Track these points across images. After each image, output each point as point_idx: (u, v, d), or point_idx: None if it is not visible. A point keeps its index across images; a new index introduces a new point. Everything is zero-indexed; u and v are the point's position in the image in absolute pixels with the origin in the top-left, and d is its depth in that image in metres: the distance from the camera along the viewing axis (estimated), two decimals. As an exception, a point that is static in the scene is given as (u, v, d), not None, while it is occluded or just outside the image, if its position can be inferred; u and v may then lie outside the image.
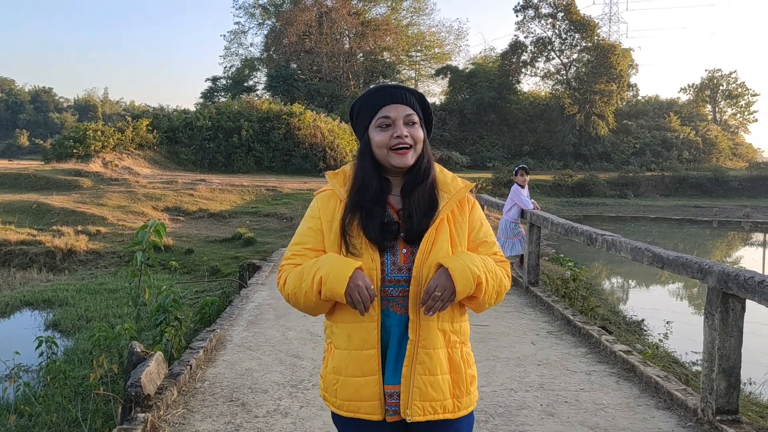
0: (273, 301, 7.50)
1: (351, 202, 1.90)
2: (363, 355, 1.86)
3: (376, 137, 1.91)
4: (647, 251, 4.95)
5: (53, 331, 8.70)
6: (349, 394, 1.87)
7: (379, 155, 1.92)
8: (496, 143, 46.55)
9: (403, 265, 1.88)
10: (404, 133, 1.88)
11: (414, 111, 1.93)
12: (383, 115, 1.91)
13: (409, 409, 1.84)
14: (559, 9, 47.81)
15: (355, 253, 1.86)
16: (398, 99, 1.92)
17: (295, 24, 49.56)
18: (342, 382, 1.89)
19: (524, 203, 8.88)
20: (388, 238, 1.87)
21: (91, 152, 28.07)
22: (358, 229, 1.87)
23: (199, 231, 16.12)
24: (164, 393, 4.21)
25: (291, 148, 33.46)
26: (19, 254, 13.55)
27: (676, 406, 4.34)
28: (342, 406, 1.90)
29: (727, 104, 63.09)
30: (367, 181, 1.91)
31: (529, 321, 6.82)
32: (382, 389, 1.86)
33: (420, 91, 2.00)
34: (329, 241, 1.91)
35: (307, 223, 1.98)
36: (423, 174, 1.93)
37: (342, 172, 2.03)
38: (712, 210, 31.69)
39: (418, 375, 1.84)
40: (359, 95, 2.07)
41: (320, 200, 2.00)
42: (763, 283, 3.55)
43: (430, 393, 1.85)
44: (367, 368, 1.86)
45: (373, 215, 1.87)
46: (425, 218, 1.88)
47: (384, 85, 1.99)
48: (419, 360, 1.85)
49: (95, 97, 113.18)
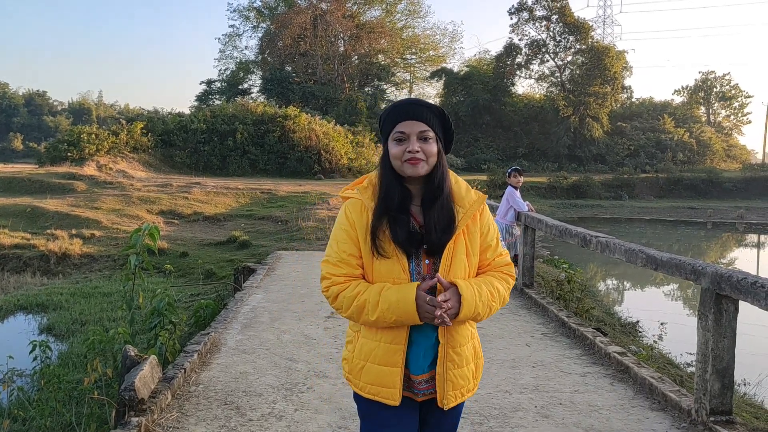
0: (268, 305, 7.49)
1: (379, 209, 2.10)
2: (391, 348, 2.12)
3: (392, 149, 2.11)
4: (641, 253, 4.96)
5: (47, 335, 8.67)
6: (372, 379, 2.14)
7: (395, 165, 2.12)
8: (491, 145, 46.59)
9: (426, 275, 2.12)
10: (416, 148, 2.07)
11: (430, 127, 2.10)
12: (399, 130, 2.10)
13: (445, 399, 2.15)
14: (553, 11, 47.92)
15: (384, 255, 2.08)
16: (414, 116, 2.10)
17: (289, 27, 49.52)
18: (368, 368, 2.15)
19: (519, 205, 8.89)
20: (414, 245, 2.09)
21: (85, 155, 28.00)
22: (387, 235, 2.08)
23: (193, 234, 16.08)
24: (158, 397, 4.20)
25: (286, 151, 33.43)
26: (13, 258, 13.50)
27: (671, 407, 4.35)
28: (364, 389, 2.17)
29: (721, 106, 63.34)
30: (390, 190, 2.11)
31: (523, 323, 6.83)
32: (402, 378, 2.12)
33: (442, 109, 2.16)
34: (365, 250, 2.11)
35: (342, 232, 2.16)
36: (438, 187, 2.12)
37: (370, 184, 2.19)
38: (707, 211, 31.79)
39: (449, 371, 2.14)
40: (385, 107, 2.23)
41: (353, 211, 2.16)
42: (756, 285, 3.56)
43: (459, 383, 2.17)
44: (392, 360, 2.12)
45: (398, 223, 2.08)
46: (444, 235, 2.10)
47: (405, 101, 2.18)
48: (449, 358, 2.14)
49: (89, 101, 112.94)
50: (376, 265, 2.09)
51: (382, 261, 2.08)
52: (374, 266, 2.10)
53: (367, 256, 2.11)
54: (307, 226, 15.94)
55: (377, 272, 2.09)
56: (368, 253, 2.10)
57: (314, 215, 17.37)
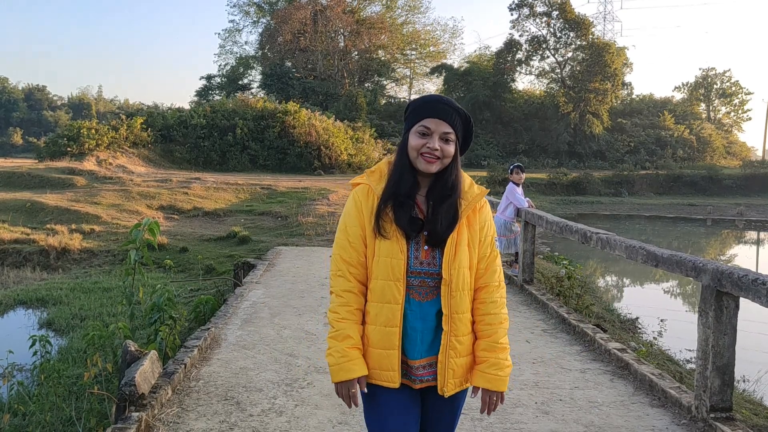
0: (268, 300, 7.49)
1: (387, 193, 2.21)
2: (387, 331, 2.20)
3: (413, 141, 2.20)
4: (641, 249, 4.96)
5: (47, 329, 8.67)
6: (373, 363, 2.21)
7: (411, 156, 2.21)
8: (491, 141, 46.51)
9: (424, 260, 2.21)
10: (436, 146, 2.16)
11: (453, 130, 2.19)
12: (425, 125, 2.18)
13: (445, 386, 2.22)
14: (553, 7, 47.83)
15: (385, 236, 2.18)
16: (442, 115, 2.18)
17: (289, 22, 49.45)
18: (369, 352, 2.22)
19: (519, 202, 8.89)
20: (415, 230, 2.19)
21: (85, 150, 27.98)
22: (390, 217, 2.19)
23: (193, 229, 16.07)
24: (159, 392, 4.20)
25: (286, 147, 33.41)
26: (12, 253, 13.49)
27: (671, 403, 4.36)
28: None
29: (721, 103, 63.25)
30: (404, 177, 2.21)
31: (523, 319, 6.83)
32: (399, 361, 2.20)
33: (468, 114, 2.26)
34: (369, 231, 2.22)
35: (351, 216, 2.27)
36: (451, 187, 2.21)
37: (378, 169, 2.31)
38: (706, 208, 31.77)
39: (451, 359, 2.22)
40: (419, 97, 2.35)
41: (361, 195, 2.28)
42: (757, 281, 3.56)
43: (459, 371, 2.24)
44: (389, 343, 2.19)
45: (404, 207, 2.18)
46: (448, 229, 2.19)
47: (435, 98, 2.26)
48: (452, 346, 2.21)
49: (89, 95, 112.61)
50: (377, 245, 2.19)
51: (383, 241, 2.18)
52: (375, 246, 2.20)
53: (371, 237, 2.21)
54: (306, 222, 15.92)
55: (378, 252, 2.19)
56: (371, 234, 2.21)
57: (314, 211, 17.35)
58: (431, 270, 2.21)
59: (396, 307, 2.19)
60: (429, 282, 2.21)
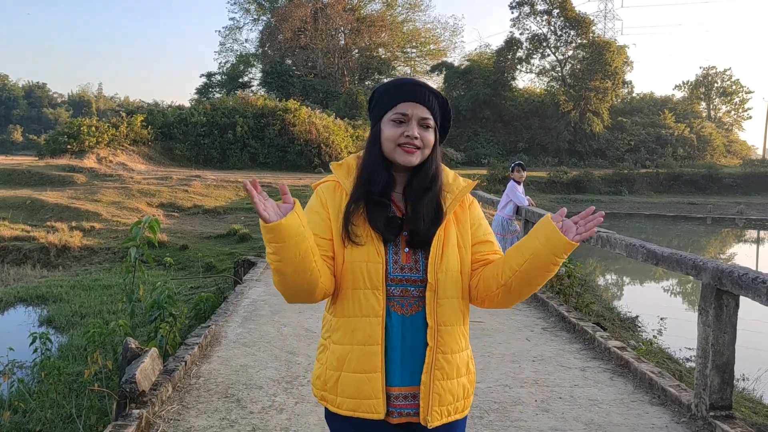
0: (268, 298, 7.50)
1: (357, 193, 1.86)
2: (366, 350, 1.81)
3: (387, 131, 1.86)
4: (642, 248, 4.96)
5: (47, 327, 8.67)
6: (351, 391, 1.82)
7: (386, 149, 1.87)
8: (491, 140, 46.50)
9: (405, 265, 1.85)
10: (415, 134, 1.84)
11: (431, 115, 1.88)
12: (400, 111, 1.86)
13: (429, 416, 1.81)
14: (554, 6, 47.77)
15: (357, 242, 1.82)
16: (419, 98, 1.86)
17: (290, 20, 49.41)
18: (343, 378, 1.83)
19: (519, 200, 8.89)
20: (393, 232, 1.84)
21: (85, 148, 27.95)
22: (363, 220, 1.83)
23: (193, 227, 16.08)
24: (159, 389, 4.21)
25: (286, 145, 33.39)
26: (12, 250, 13.49)
27: (670, 401, 4.36)
28: (342, 404, 1.84)
29: (722, 101, 63.20)
30: (375, 174, 1.87)
31: (523, 317, 6.84)
32: (384, 386, 1.81)
33: (444, 97, 1.93)
34: (337, 232, 1.85)
35: (313, 213, 1.90)
36: (431, 180, 1.89)
37: (346, 163, 1.98)
38: (707, 207, 31.77)
39: (437, 381, 1.82)
40: (387, 80, 2.01)
41: (326, 191, 1.95)
42: (757, 280, 3.56)
43: (447, 397, 1.84)
44: (369, 365, 1.80)
45: (379, 206, 1.84)
46: (432, 226, 1.85)
47: (409, 80, 1.92)
48: (438, 366, 1.82)
49: (89, 93, 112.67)
50: (347, 252, 1.82)
51: (354, 248, 1.82)
52: (345, 253, 1.83)
53: (338, 241, 1.84)
54: (307, 220, 15.90)
55: (349, 257, 1.82)
56: (338, 239, 1.84)
57: (314, 209, 17.31)
58: (414, 276, 1.84)
59: (376, 321, 1.80)
60: (412, 291, 1.83)
